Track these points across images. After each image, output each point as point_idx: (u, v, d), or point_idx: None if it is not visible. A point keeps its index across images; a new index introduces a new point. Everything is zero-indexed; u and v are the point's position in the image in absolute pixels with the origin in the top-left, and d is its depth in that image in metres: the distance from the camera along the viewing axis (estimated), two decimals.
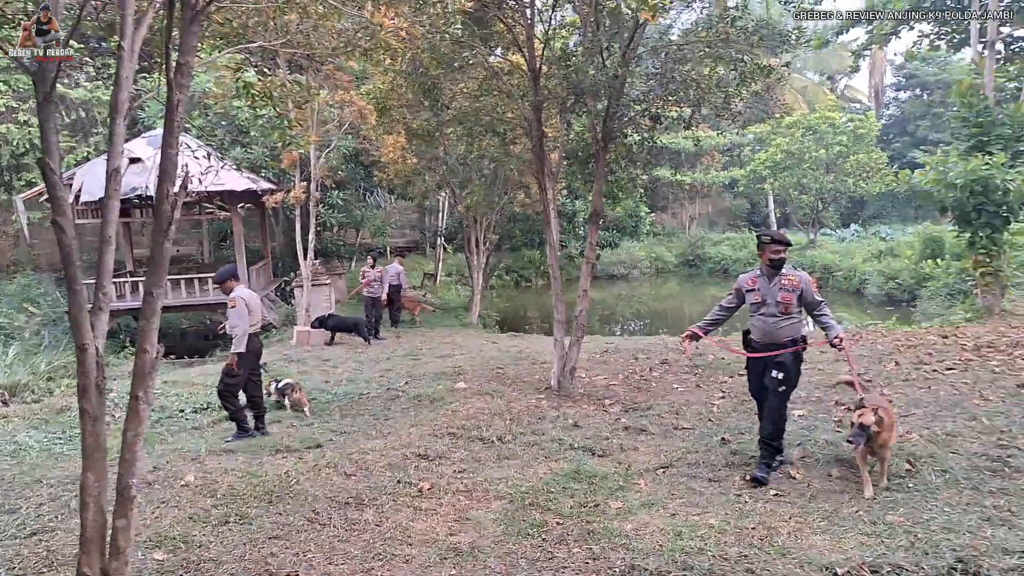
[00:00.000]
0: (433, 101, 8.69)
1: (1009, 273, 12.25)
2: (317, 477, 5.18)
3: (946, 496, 4.42)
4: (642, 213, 26.70)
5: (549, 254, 8.43)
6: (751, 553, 3.86)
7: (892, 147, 35.69)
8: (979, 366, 8.01)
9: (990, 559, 3.56)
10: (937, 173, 11.68)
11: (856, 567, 3.58)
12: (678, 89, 7.80)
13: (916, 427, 5.82)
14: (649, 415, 6.98)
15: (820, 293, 5.19)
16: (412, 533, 4.32)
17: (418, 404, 7.64)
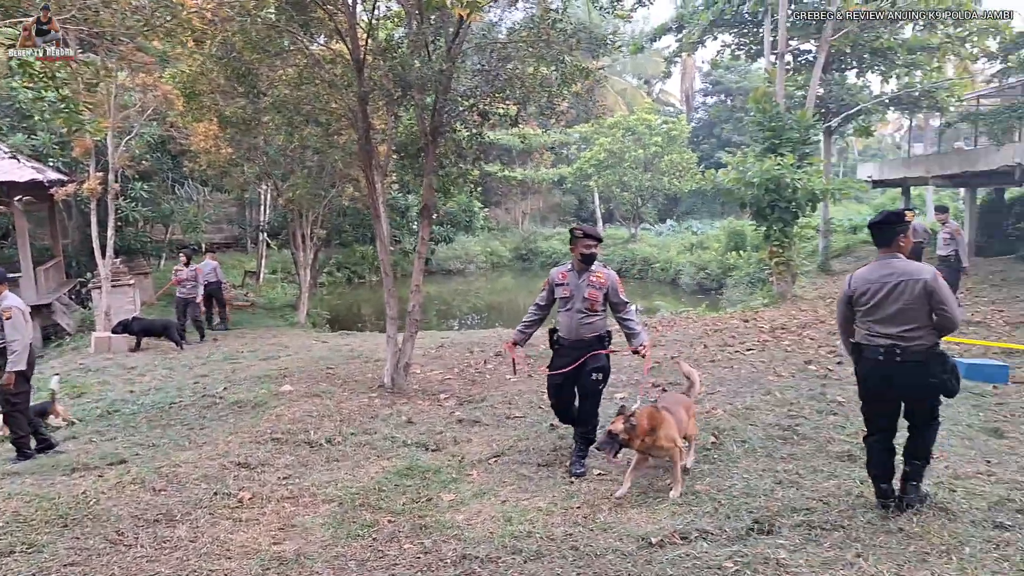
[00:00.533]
0: (248, 88, 8.17)
1: (798, 262, 13.85)
2: (121, 495, 4.70)
3: (745, 464, 4.89)
4: (475, 208, 27.09)
5: (380, 249, 8.27)
6: (575, 531, 4.03)
7: (701, 148, 39.06)
8: (774, 346, 8.98)
9: (781, 518, 3.97)
10: (737, 173, 12.91)
11: (668, 535, 3.85)
12: (504, 87, 7.95)
13: (720, 403, 6.40)
14: (483, 407, 7.07)
15: (625, 292, 5.14)
16: (231, 546, 4.05)
17: (238, 410, 7.17)
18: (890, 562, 3.43)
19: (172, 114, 13.11)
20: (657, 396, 5.37)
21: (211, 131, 12.53)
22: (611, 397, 6.93)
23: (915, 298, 3.77)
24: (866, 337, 3.96)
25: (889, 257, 3.96)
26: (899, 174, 22.00)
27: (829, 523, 3.86)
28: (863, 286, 3.96)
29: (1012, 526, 3.77)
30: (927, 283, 3.76)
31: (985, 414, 5.91)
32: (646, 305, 21.38)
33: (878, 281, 3.90)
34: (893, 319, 3.83)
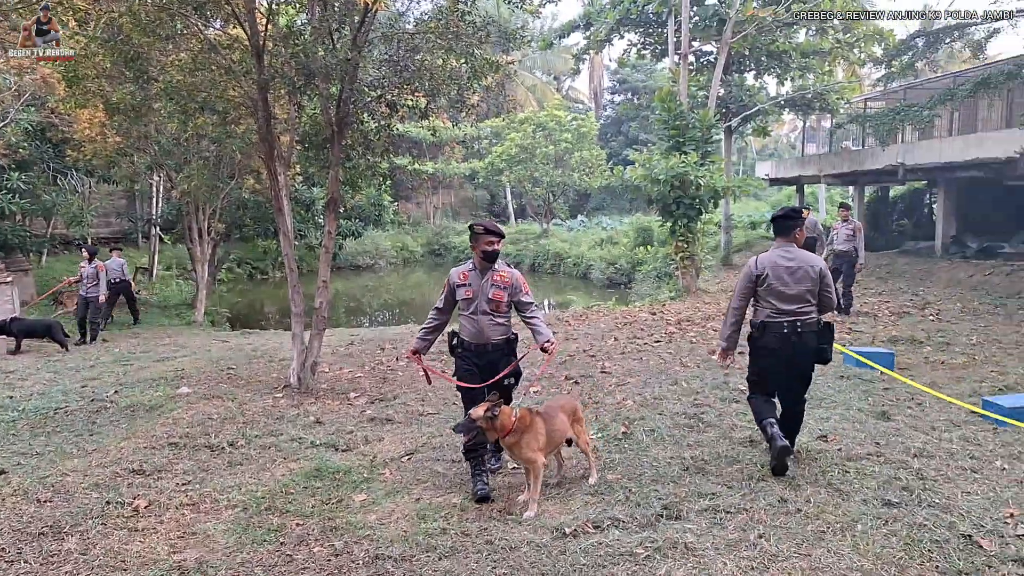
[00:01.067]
0: (138, 73, 7.64)
1: (702, 257, 14.39)
2: (2, 508, 4.32)
3: (654, 452, 5.01)
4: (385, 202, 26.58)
5: (283, 244, 7.95)
6: (490, 526, 4.00)
7: (610, 145, 39.97)
8: (680, 338, 9.28)
9: (689, 503, 4.09)
10: (644, 170, 13.26)
11: (581, 525, 3.88)
12: (412, 78, 7.80)
13: (630, 394, 6.55)
14: (395, 404, 6.94)
15: (530, 291, 4.79)
16: (127, 557, 3.79)
17: (131, 415, 6.73)
18: (790, 541, 3.59)
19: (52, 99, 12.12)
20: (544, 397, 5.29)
21: (97, 118, 11.69)
22: (526, 391, 6.97)
23: (811, 281, 4.47)
24: (770, 315, 4.54)
25: (788, 245, 4.61)
26: (794, 172, 23.28)
27: (733, 506, 4.00)
28: (769, 269, 4.53)
29: (899, 503, 4.00)
30: (821, 269, 4.52)
31: (873, 399, 6.27)
32: (559, 299, 21.68)
33: (782, 266, 4.50)
34: (793, 299, 4.48)
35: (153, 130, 12.07)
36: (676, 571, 3.35)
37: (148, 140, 12.63)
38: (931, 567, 3.34)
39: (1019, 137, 12.99)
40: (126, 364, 9.65)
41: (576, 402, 4.87)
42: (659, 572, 3.34)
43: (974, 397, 6.20)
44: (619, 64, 37.73)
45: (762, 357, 4.63)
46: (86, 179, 18.45)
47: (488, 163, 31.76)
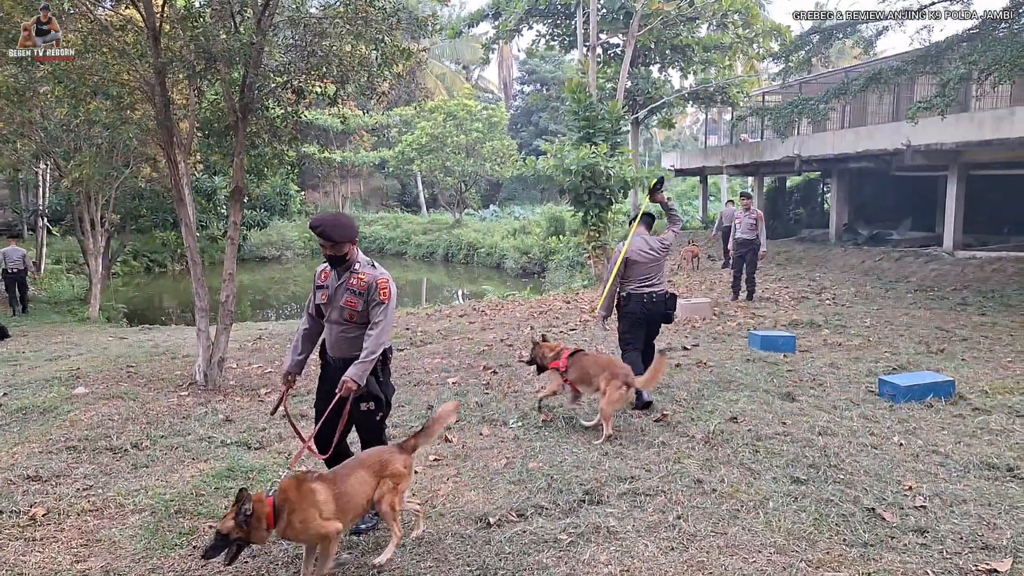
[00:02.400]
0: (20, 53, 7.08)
1: (613, 245, 14.69)
2: None
3: (574, 439, 5.11)
4: (291, 191, 25.79)
5: (185, 235, 7.57)
6: (412, 519, 3.97)
7: (520, 135, 40.21)
8: (593, 325, 9.47)
9: (609, 487, 4.20)
10: (556, 160, 13.42)
11: (505, 514, 3.92)
12: (320, 64, 7.60)
13: None
14: (309, 399, 6.73)
15: (392, 304, 3.86)
16: (25, 569, 3.54)
17: (23, 418, 6.26)
18: (707, 521, 3.75)
19: None
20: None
21: None
22: (444, 382, 6.95)
23: (663, 258, 5.94)
24: (636, 289, 5.83)
25: (647, 234, 5.95)
26: (698, 163, 24.19)
27: (652, 489, 4.14)
28: (637, 253, 5.83)
29: (806, 480, 4.24)
30: (670, 243, 6.00)
31: (778, 380, 6.58)
32: (473, 289, 21.70)
33: (647, 250, 5.85)
34: (652, 274, 5.85)
35: (39, 115, 11.21)
36: (599, 555, 3.43)
37: (33, 126, 11.73)
38: (839, 540, 3.55)
39: (906, 130, 13.93)
40: (15, 364, 8.98)
41: (394, 454, 3.62)
42: (583, 557, 3.42)
43: (871, 377, 6.58)
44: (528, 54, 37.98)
45: (629, 317, 5.94)
46: None
47: (398, 152, 31.30)
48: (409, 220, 33.19)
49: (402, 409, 6.14)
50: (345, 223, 3.89)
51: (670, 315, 5.99)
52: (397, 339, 9.70)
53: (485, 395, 6.40)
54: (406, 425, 5.69)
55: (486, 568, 3.37)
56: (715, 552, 3.45)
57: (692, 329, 9.03)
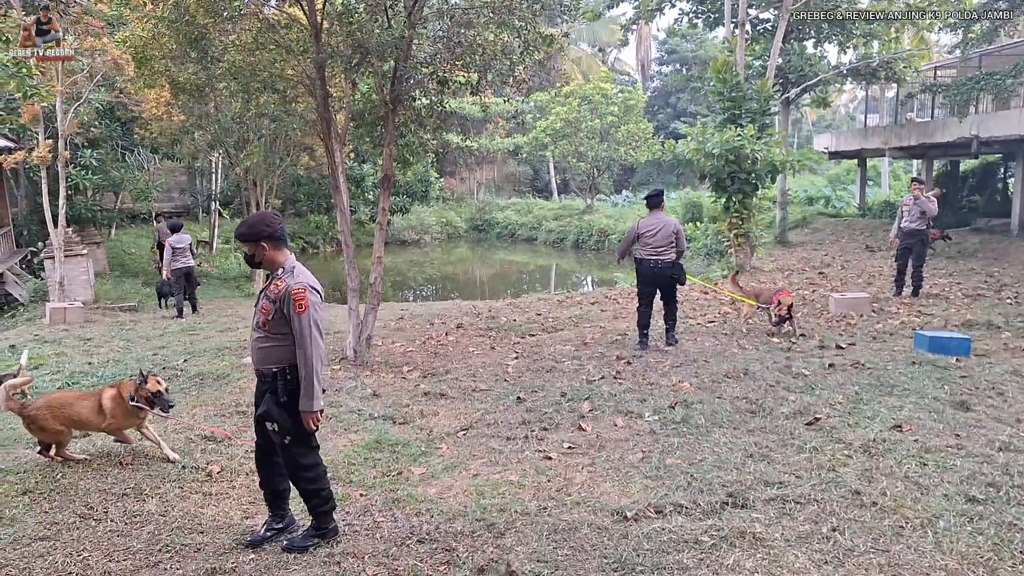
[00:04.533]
0: (201, 53, 7.80)
1: (757, 234, 14.00)
2: (89, 469, 4.58)
3: (715, 437, 4.94)
4: (432, 178, 26.70)
5: (340, 220, 8.06)
6: (549, 505, 4.02)
7: (657, 118, 39.16)
8: (735, 318, 9.10)
9: (755, 491, 4.01)
10: (697, 143, 12.89)
11: (643, 509, 3.86)
12: (464, 54, 7.76)
13: (686, 376, 6.47)
14: (447, 379, 7.01)
15: (313, 317, 3.58)
16: (202, 520, 3.98)
17: (200, 383, 6.99)
18: (866, 535, 3.49)
19: (121, 80, 12.52)
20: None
21: (163, 97, 12.02)
22: (576, 369, 6.95)
23: (669, 234, 7.41)
24: (644, 255, 7.52)
25: (658, 213, 7.61)
26: (856, 145, 22.44)
27: (803, 497, 3.90)
28: (646, 228, 7.52)
29: (984, 500, 3.83)
30: (676, 226, 7.52)
31: (950, 387, 5.97)
32: (603, 277, 21.53)
33: (654, 226, 7.48)
34: (658, 245, 7.43)
35: (213, 109, 12.34)
36: (744, 561, 3.30)
37: (209, 119, 12.93)
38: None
39: None
40: (192, 334, 9.98)
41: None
42: (726, 561, 3.30)
43: None
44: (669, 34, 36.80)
45: (640, 279, 7.73)
46: (151, 156, 19.08)
47: (532, 138, 31.45)
48: (540, 206, 33.37)
49: (535, 395, 6.22)
50: (256, 220, 3.65)
51: (680, 277, 7.64)
52: (529, 324, 9.81)
53: (618, 385, 6.34)
54: (539, 410, 5.77)
55: (624, 562, 3.34)
56: (875, 570, 3.21)
57: (848, 327, 8.44)
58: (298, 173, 16.17)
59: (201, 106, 11.30)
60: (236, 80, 7.50)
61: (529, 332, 9.24)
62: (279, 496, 3.83)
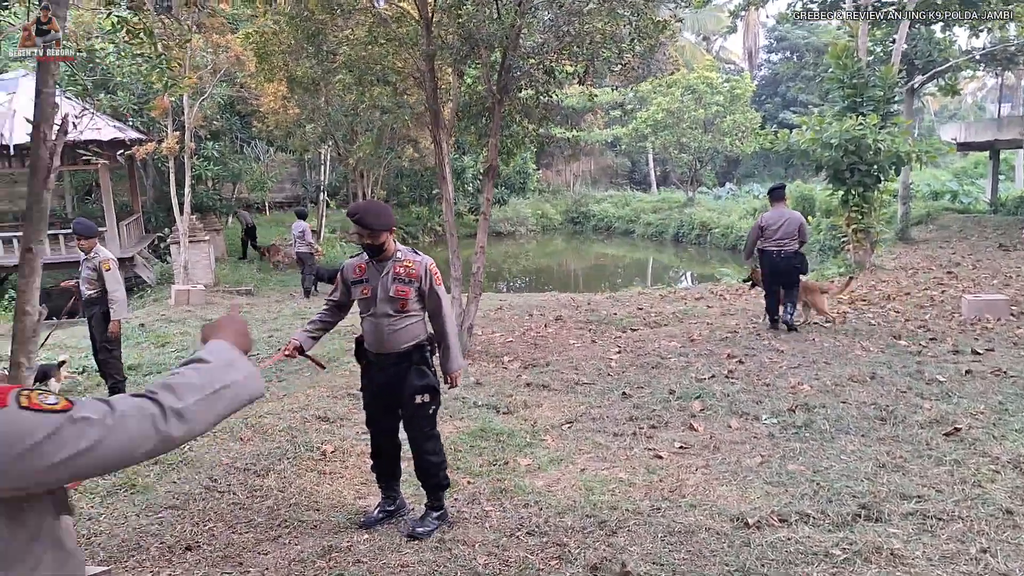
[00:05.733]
0: (318, 48, 8.09)
1: (878, 229, 13.16)
2: (213, 443, 4.87)
3: (840, 444, 4.63)
4: (530, 170, 26.73)
5: (445, 210, 8.16)
6: (663, 506, 3.89)
7: (764, 108, 37.60)
8: (856, 318, 8.58)
9: (889, 504, 3.72)
10: (814, 133, 12.24)
11: (765, 516, 3.67)
12: (572, 43, 7.67)
13: (806, 378, 6.12)
14: (549, 371, 6.95)
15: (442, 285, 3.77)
16: (318, 498, 4.14)
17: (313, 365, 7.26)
18: (1022, 560, 3.16)
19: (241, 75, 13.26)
20: None
21: (280, 92, 12.62)
22: (684, 367, 6.74)
23: (793, 227, 7.73)
24: (769, 247, 7.83)
25: (781, 206, 7.94)
26: (988, 136, 20.72)
27: (946, 513, 3.59)
28: (769, 222, 7.86)
29: None
30: (800, 220, 7.87)
31: None
32: (704, 272, 20.90)
33: (777, 219, 7.80)
34: (781, 237, 7.73)
35: (324, 103, 12.84)
36: None
37: (320, 112, 13.47)
38: None
39: None
40: (303, 318, 10.41)
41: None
42: None
43: None
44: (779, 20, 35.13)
45: (764, 270, 8.03)
46: (267, 148, 20.14)
47: (632, 129, 30.85)
48: (638, 198, 32.73)
49: (641, 391, 6.07)
50: (382, 210, 3.72)
51: (802, 268, 8.01)
52: (631, 318, 9.62)
53: (731, 385, 6.08)
54: (647, 407, 5.61)
55: (747, 571, 3.18)
56: None
57: (983, 330, 7.78)
58: (402, 165, 16.59)
59: (314, 100, 11.76)
60: (351, 73, 7.73)
61: (631, 326, 9.05)
62: (394, 479, 3.91)
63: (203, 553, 3.51)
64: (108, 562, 3.40)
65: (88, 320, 6.34)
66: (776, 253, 7.78)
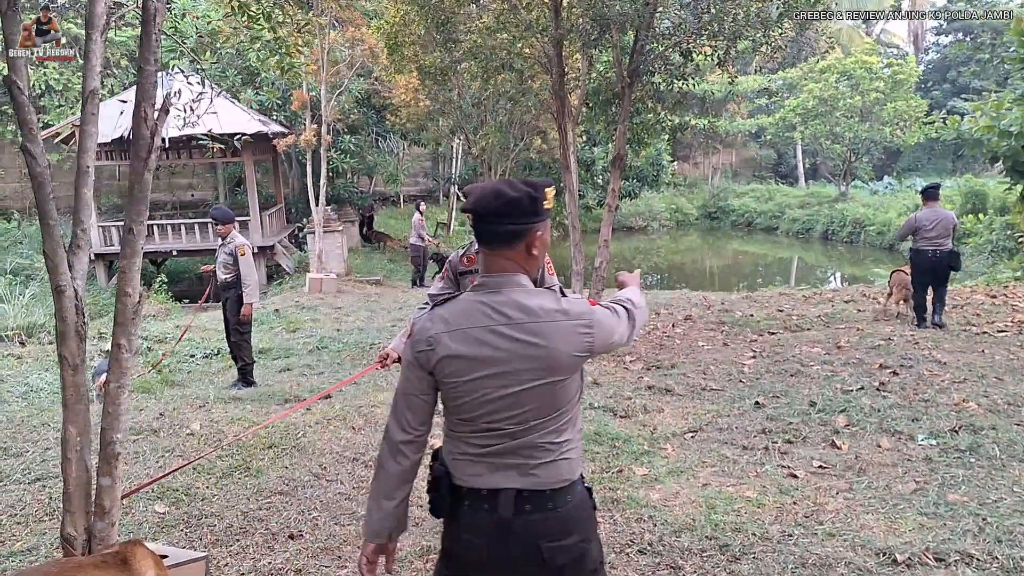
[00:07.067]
0: (446, 36, 8.12)
1: None
2: (325, 430, 4.93)
3: (1014, 474, 3.95)
4: (664, 162, 25.79)
5: (568, 202, 7.92)
6: (795, 532, 3.44)
7: (931, 95, 34.18)
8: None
9: None
10: (990, 119, 10.86)
11: (918, 553, 3.14)
12: (712, 21, 7.16)
13: (973, 394, 5.32)
14: (674, 374, 6.53)
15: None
16: (420, 494, 3.95)
17: None
18: None
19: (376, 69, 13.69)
20: None
21: (411, 83, 12.90)
22: (829, 375, 6.09)
23: (948, 227, 7.65)
24: (923, 246, 7.73)
25: (935, 204, 7.85)
26: None
27: None
28: (924, 222, 7.71)
29: None
30: (954, 219, 7.83)
31: None
32: (856, 272, 19.25)
33: (933, 219, 7.67)
34: (936, 236, 7.63)
35: (456, 95, 12.99)
36: None
37: (452, 105, 13.67)
38: None
39: None
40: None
41: None
42: None
43: None
44: None
45: (915, 268, 7.95)
46: (401, 142, 20.82)
47: (778, 118, 29.00)
48: (784, 192, 30.78)
49: (777, 401, 5.52)
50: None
51: (956, 265, 7.88)
52: (769, 320, 8.92)
53: (882, 399, 5.39)
54: (782, 419, 5.08)
55: None
56: None
57: None
58: (530, 157, 16.52)
59: (445, 91, 11.90)
60: (476, 60, 7.69)
61: (768, 329, 8.37)
62: None
63: (305, 543, 3.49)
64: (214, 544, 3.46)
65: (223, 303, 6.68)
66: (932, 252, 7.74)
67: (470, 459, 1.83)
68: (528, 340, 1.72)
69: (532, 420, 1.76)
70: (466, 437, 1.82)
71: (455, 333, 1.75)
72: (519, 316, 1.74)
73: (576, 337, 1.75)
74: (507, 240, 1.78)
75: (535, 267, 1.85)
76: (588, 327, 1.77)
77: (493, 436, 1.78)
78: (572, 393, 1.82)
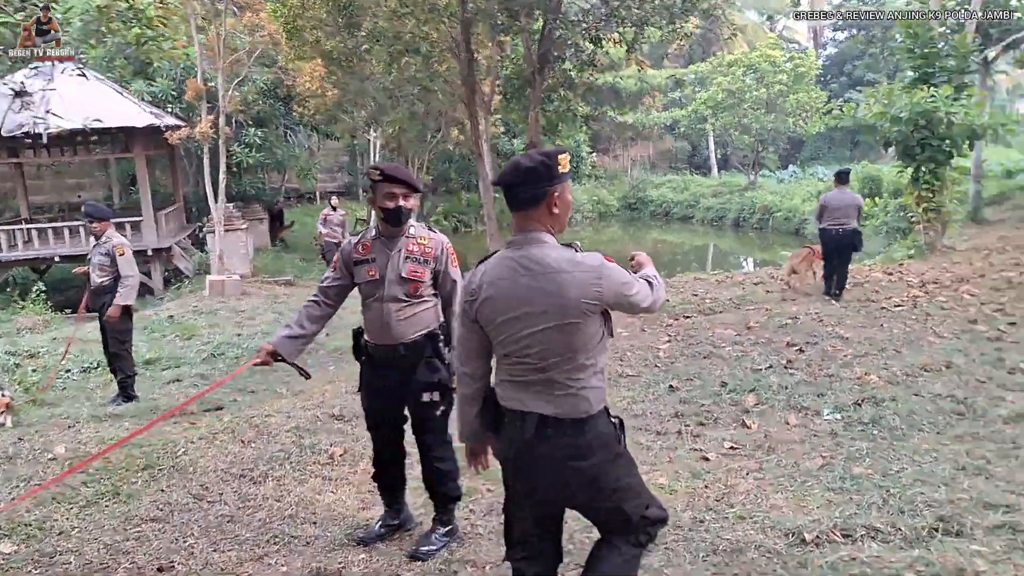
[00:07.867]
0: (348, 20, 7.78)
1: (951, 208, 12.18)
2: (211, 446, 4.49)
3: (914, 443, 4.05)
4: (583, 153, 26.01)
5: (482, 190, 7.80)
6: (707, 518, 3.40)
7: (829, 87, 35.80)
8: (927, 303, 7.81)
9: (973, 516, 3.16)
10: (882, 107, 11.37)
11: (826, 531, 3.14)
12: (620, 7, 7.13)
13: (874, 367, 5.48)
14: None
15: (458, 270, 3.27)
16: (317, 508, 3.70)
17: (338, 358, 6.93)
18: None
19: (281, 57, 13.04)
20: None
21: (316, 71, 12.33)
22: (739, 356, 6.16)
23: (851, 207, 8.28)
24: (828, 225, 8.34)
25: (844, 188, 8.35)
26: None
27: None
28: (832, 202, 8.35)
29: None
30: (858, 200, 8.53)
31: None
32: (765, 257, 19.93)
33: (837, 200, 8.29)
34: (840, 216, 8.24)
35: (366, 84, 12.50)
36: None
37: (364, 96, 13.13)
38: None
39: None
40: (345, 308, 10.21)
41: None
42: None
43: None
44: None
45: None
46: (313, 135, 20.01)
47: (691, 111, 29.75)
48: (698, 183, 31.58)
49: (691, 384, 5.53)
50: (406, 170, 3.28)
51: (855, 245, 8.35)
52: (684, 305, 9.03)
53: (789, 376, 5.48)
54: (695, 401, 5.08)
55: None
56: None
57: None
58: (448, 149, 16.23)
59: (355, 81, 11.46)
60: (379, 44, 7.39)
61: (684, 314, 8.45)
62: (399, 489, 3.45)
63: (175, 575, 3.15)
64: None
65: (99, 311, 5.99)
66: (836, 231, 8.25)
67: (509, 385, 2.22)
68: (545, 288, 2.09)
69: (551, 357, 2.11)
70: (505, 367, 2.22)
71: (489, 284, 2.19)
72: (538, 268, 2.11)
73: (586, 286, 2.08)
74: (530, 203, 2.15)
75: (558, 223, 2.21)
76: (598, 278, 2.09)
77: (522, 368, 2.16)
78: (587, 339, 2.11)
